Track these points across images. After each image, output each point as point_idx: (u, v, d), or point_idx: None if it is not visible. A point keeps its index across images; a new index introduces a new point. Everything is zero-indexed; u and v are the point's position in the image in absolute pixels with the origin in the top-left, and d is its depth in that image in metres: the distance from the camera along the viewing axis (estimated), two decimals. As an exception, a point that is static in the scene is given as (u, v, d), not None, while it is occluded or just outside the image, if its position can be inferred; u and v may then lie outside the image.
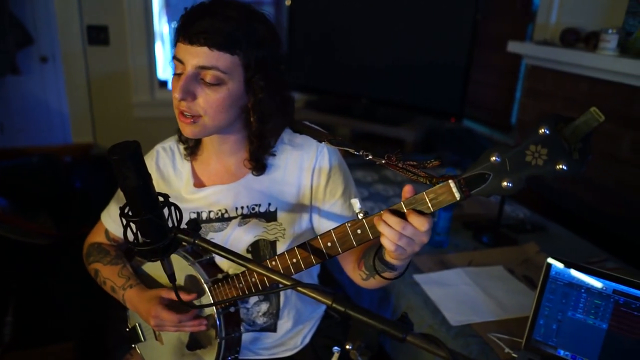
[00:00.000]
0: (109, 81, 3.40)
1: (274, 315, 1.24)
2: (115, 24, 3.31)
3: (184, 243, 0.92)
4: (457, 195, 0.79)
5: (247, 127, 1.11)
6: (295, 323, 1.28)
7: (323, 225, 1.18)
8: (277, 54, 1.05)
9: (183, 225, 1.03)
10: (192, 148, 1.20)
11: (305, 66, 3.46)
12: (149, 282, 1.24)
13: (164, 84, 3.60)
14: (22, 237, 2.19)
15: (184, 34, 0.99)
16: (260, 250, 1.18)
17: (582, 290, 1.23)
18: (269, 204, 1.16)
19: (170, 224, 0.92)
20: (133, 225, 0.91)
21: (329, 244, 0.94)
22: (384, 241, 0.86)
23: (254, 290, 1.07)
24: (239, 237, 1.17)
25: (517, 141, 2.29)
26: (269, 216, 1.16)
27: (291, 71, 1.18)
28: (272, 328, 1.26)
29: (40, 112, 4.01)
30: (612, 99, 2.09)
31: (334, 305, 0.80)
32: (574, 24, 2.35)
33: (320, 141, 1.06)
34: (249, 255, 1.18)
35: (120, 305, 1.28)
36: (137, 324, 1.31)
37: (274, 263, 1.01)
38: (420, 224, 0.82)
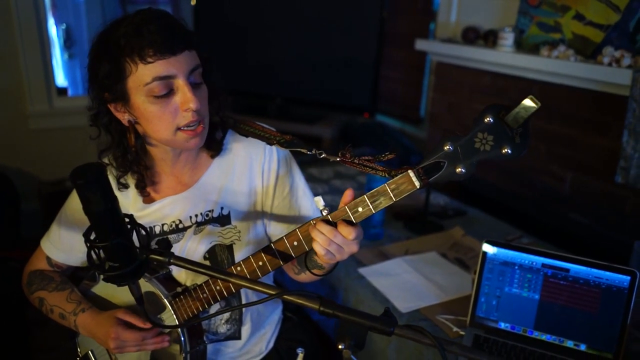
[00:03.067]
0: (-2, 91, 3.09)
1: (237, 321, 1.23)
2: (1, 28, 3.00)
3: (154, 263, 0.89)
4: (417, 184, 0.85)
5: None
6: (256, 326, 1.28)
7: (275, 224, 1.20)
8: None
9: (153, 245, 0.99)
10: (146, 165, 1.14)
11: (214, 67, 3.39)
12: (101, 305, 1.18)
13: (63, 91, 3.34)
14: None
15: (155, 49, 0.93)
16: (217, 256, 1.17)
17: (516, 267, 1.37)
18: (222, 208, 1.16)
19: (137, 245, 0.89)
20: (94, 251, 0.86)
21: (295, 242, 0.96)
22: (316, 246, 0.91)
23: (219, 299, 1.06)
24: (194, 246, 1.15)
25: (428, 133, 2.42)
26: (223, 220, 1.16)
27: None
28: (237, 335, 1.25)
29: None
30: (511, 90, 2.31)
31: (321, 308, 0.83)
32: (472, 22, 2.55)
33: (270, 144, 1.07)
34: (207, 262, 1.17)
35: (66, 334, 1.20)
36: (89, 351, 1.23)
37: (239, 268, 1.02)
38: (348, 232, 0.88)
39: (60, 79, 3.32)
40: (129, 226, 0.87)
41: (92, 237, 0.85)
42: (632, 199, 1.87)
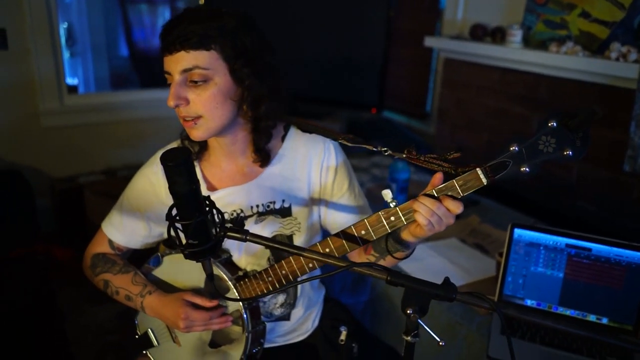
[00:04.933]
0: (11, 89, 3.11)
1: (291, 305, 1.31)
2: (14, 26, 3.03)
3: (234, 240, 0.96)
4: (484, 181, 0.93)
5: (246, 119, 1.15)
6: (306, 310, 1.36)
7: (332, 217, 1.27)
8: (256, 42, 1.10)
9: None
10: (198, 153, 1.22)
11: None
12: (162, 288, 1.24)
13: (73, 89, 3.37)
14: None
15: (163, 48, 1.06)
16: None
17: (541, 248, 1.47)
18: (283, 201, 1.23)
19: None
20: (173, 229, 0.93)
21: (363, 231, 1.03)
22: (418, 216, 0.97)
23: (284, 282, 1.14)
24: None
25: (436, 128, 2.50)
26: (284, 212, 1.23)
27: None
28: (287, 317, 1.33)
29: None
30: (520, 85, 2.42)
31: (389, 278, 0.91)
32: (478, 20, 2.65)
33: (335, 140, 1.14)
34: (267, 252, 1.24)
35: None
36: (148, 329, 1.30)
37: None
38: (455, 207, 0.95)
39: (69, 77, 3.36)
40: (207, 207, 0.95)
41: (174, 214, 0.93)
42: (639, 185, 1.99)
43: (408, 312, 0.91)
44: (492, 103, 2.57)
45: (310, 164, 1.23)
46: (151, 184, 1.22)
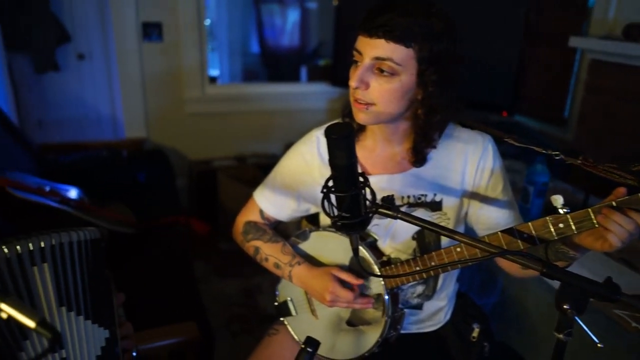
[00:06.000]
0: (162, 77, 3.45)
1: (428, 297, 1.32)
2: (169, 21, 3.36)
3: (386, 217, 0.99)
4: None
5: (415, 119, 1.16)
6: (440, 302, 1.36)
7: (482, 217, 1.24)
8: (452, 51, 1.10)
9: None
10: (355, 133, 1.25)
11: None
12: (308, 262, 1.31)
13: (213, 79, 3.66)
14: (112, 226, 2.25)
15: (365, 27, 1.07)
16: (425, 238, 1.25)
17: None
18: (435, 194, 1.23)
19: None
20: (333, 200, 0.98)
21: (525, 235, 1.00)
22: (611, 237, 0.90)
23: (432, 273, 1.15)
24: (404, 225, 1.21)
25: (575, 135, 2.27)
26: (435, 206, 1.23)
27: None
28: (420, 307, 1.34)
29: (76, 108, 4.06)
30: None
31: (544, 270, 0.88)
32: (631, 19, 2.44)
33: (500, 139, 1.12)
34: (414, 243, 1.26)
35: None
36: (288, 299, 1.38)
37: (458, 249, 1.08)
38: None
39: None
40: (361, 183, 0.98)
41: (330, 186, 0.97)
42: None
43: (565, 307, 0.86)
44: (645, 110, 2.35)
45: (466, 160, 1.21)
46: (306, 162, 1.29)
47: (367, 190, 0.97)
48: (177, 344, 1.52)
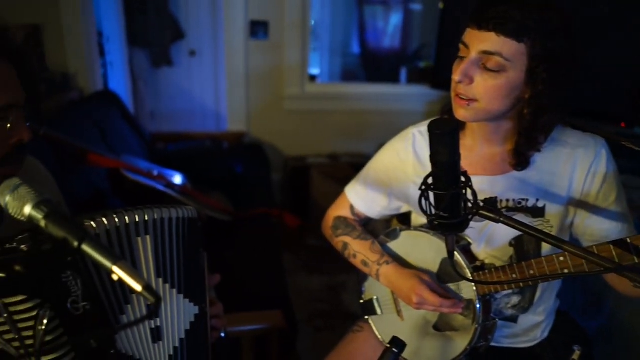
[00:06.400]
0: (264, 74, 3.58)
1: (523, 309, 1.23)
2: (275, 20, 3.47)
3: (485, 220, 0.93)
4: None
5: (519, 119, 1.10)
6: (538, 317, 1.26)
7: (590, 227, 1.14)
8: (567, 49, 1.02)
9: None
10: None
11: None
12: (396, 261, 1.28)
13: (313, 78, 3.72)
14: (211, 212, 2.37)
15: (475, 19, 1.02)
16: (524, 245, 1.17)
17: None
18: (537, 200, 1.14)
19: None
20: (431, 198, 0.94)
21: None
22: None
23: (530, 283, 1.07)
24: (501, 230, 1.14)
25: None
26: (537, 212, 1.15)
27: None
28: (514, 319, 1.25)
29: (184, 101, 4.33)
30: None
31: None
32: None
33: (616, 143, 1.02)
34: (511, 250, 1.18)
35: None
36: (374, 297, 1.36)
37: (562, 259, 1.00)
38: None
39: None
40: (462, 183, 0.94)
41: (430, 183, 0.94)
42: None
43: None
44: None
45: (575, 165, 1.12)
46: (400, 159, 1.26)
47: (468, 190, 0.93)
48: (263, 330, 1.57)
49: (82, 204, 2.00)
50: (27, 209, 0.68)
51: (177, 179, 2.59)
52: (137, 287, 0.63)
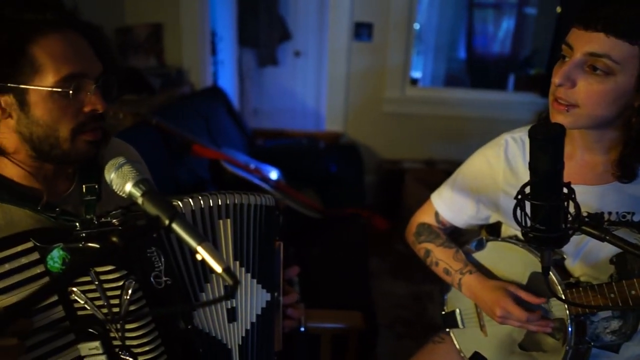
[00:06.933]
0: (365, 76, 3.57)
1: (625, 335, 1.11)
2: (380, 22, 3.45)
3: (587, 234, 0.86)
4: None
5: (627, 128, 0.99)
6: (642, 347, 1.13)
7: None
8: None
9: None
10: None
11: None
12: (481, 272, 1.21)
13: (414, 81, 3.66)
14: (303, 209, 2.42)
15: (582, 19, 0.94)
16: (627, 264, 1.05)
17: None
18: None
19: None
20: (527, 209, 0.88)
21: None
22: None
23: (631, 304, 0.96)
24: (601, 245, 1.04)
25: None
26: None
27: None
28: (615, 349, 1.13)
29: (287, 100, 4.47)
30: None
31: None
32: None
33: None
34: (611, 268, 1.07)
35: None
36: (456, 310, 1.30)
37: None
38: None
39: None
40: (564, 194, 0.87)
41: (527, 191, 0.87)
42: None
43: None
44: None
45: None
46: (490, 166, 1.20)
47: (571, 203, 0.86)
48: (342, 329, 1.57)
49: (184, 190, 2.14)
50: (128, 186, 0.73)
51: (273, 174, 2.68)
52: (218, 269, 0.65)
